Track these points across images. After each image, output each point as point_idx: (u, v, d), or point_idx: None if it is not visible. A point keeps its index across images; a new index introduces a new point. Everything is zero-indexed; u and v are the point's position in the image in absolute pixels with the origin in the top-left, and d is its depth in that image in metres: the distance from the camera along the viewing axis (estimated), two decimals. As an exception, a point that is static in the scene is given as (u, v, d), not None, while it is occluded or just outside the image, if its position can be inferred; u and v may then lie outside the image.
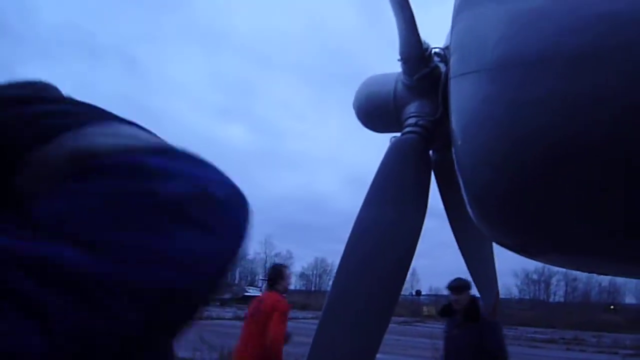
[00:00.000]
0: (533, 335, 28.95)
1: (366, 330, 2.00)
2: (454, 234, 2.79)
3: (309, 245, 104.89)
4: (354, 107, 2.74)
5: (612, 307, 55.44)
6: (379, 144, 2.41)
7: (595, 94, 1.47)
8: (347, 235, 2.09)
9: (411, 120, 2.28)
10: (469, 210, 2.08)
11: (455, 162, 2.03)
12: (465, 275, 3.30)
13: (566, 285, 68.14)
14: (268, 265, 71.13)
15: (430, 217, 2.73)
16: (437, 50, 2.31)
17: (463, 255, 2.84)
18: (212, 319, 22.93)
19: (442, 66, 2.26)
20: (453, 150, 2.03)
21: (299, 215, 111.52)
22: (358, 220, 2.09)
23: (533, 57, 1.58)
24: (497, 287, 3.32)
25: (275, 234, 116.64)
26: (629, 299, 65.33)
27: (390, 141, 2.30)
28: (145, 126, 0.75)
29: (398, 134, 2.37)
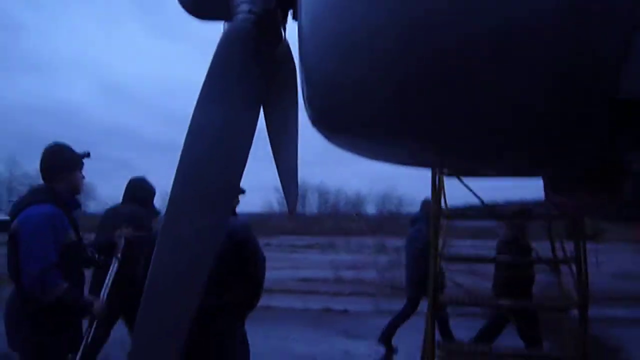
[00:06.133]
0: (293, 242, 31.81)
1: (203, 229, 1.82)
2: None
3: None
4: None
5: (356, 215, 63.68)
6: (140, 48, 2.09)
7: None
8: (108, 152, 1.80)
9: (244, 7, 2.03)
10: (307, 108, 1.98)
11: (299, 54, 1.88)
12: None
13: (319, 198, 75.37)
14: (13, 186, 62.87)
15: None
16: None
17: (273, 150, 2.74)
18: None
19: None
20: (298, 41, 1.87)
21: (48, 128, 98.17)
22: (192, 121, 1.83)
23: None
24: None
25: (20, 151, 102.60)
26: (370, 209, 75.44)
27: (223, 29, 2.03)
28: None
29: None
